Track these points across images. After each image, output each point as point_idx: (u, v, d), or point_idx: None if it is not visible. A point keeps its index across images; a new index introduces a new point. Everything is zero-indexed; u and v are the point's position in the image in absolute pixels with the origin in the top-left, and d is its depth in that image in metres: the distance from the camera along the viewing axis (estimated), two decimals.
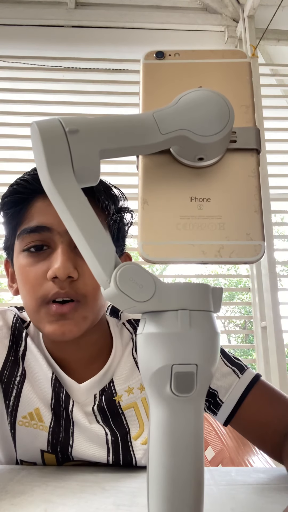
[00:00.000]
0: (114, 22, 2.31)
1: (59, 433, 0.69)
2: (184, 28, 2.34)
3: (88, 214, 0.34)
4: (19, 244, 0.69)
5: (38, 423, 0.69)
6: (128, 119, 0.36)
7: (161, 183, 0.37)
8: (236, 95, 0.38)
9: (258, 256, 0.35)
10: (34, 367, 0.72)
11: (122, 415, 0.72)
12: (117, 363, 0.75)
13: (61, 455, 0.69)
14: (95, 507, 0.51)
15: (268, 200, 2.11)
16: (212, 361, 0.34)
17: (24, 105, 2.28)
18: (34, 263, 0.66)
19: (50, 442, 0.69)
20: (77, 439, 0.69)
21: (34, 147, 0.35)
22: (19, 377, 0.72)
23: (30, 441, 0.69)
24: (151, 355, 0.34)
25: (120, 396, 0.72)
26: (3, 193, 0.71)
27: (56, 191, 0.34)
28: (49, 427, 0.69)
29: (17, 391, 0.71)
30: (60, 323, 0.64)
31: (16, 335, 0.75)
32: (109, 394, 0.72)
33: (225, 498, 0.55)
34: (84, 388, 0.71)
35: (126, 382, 0.73)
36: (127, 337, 0.78)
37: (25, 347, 0.74)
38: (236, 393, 0.72)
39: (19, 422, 0.70)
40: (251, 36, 2.25)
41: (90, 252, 0.34)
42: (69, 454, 0.69)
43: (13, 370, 0.72)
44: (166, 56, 0.41)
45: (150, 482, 0.35)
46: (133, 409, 0.73)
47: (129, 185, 2.09)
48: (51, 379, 0.71)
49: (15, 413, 0.70)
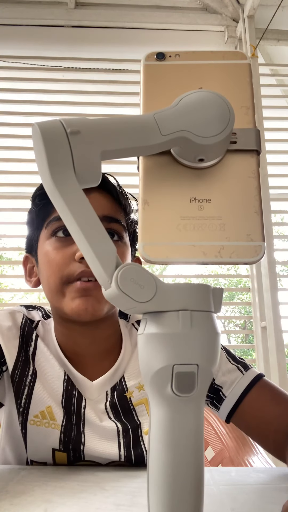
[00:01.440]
0: (114, 22, 2.31)
1: (71, 430, 0.70)
2: (184, 28, 2.34)
3: (89, 215, 0.34)
4: (47, 232, 0.73)
5: (50, 422, 0.70)
6: (129, 120, 0.36)
7: (162, 184, 0.37)
8: (236, 97, 0.39)
9: (258, 257, 0.35)
10: (45, 367, 0.73)
11: (134, 411, 0.73)
12: (128, 361, 0.77)
13: (72, 453, 0.70)
14: (95, 507, 0.51)
15: (268, 200, 2.11)
16: (212, 361, 0.34)
17: (24, 105, 2.28)
18: (61, 247, 0.70)
19: (62, 440, 0.69)
20: (89, 436, 0.70)
21: (36, 148, 0.35)
22: (30, 377, 0.72)
23: (42, 441, 0.70)
24: (152, 355, 0.34)
25: (132, 392, 0.74)
26: (37, 187, 0.76)
27: (57, 192, 0.34)
28: (61, 425, 0.70)
29: (28, 390, 0.71)
30: (83, 299, 0.68)
31: (26, 335, 0.76)
32: (120, 391, 0.74)
33: (225, 498, 0.55)
34: (96, 386, 0.73)
35: (137, 379, 0.75)
36: (135, 337, 0.80)
37: (35, 347, 0.75)
38: (239, 388, 0.72)
39: (30, 422, 0.70)
40: (251, 36, 2.25)
41: (92, 253, 0.34)
42: (81, 451, 0.70)
43: (24, 370, 0.73)
44: (167, 57, 0.41)
45: (150, 482, 0.35)
46: (144, 405, 0.74)
47: (130, 185, 2.09)
48: (63, 378, 0.72)
49: (27, 412, 0.71)
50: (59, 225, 0.71)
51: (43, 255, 0.73)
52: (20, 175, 2.17)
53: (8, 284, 6.84)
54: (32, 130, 0.35)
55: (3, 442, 0.76)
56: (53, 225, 0.72)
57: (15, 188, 2.18)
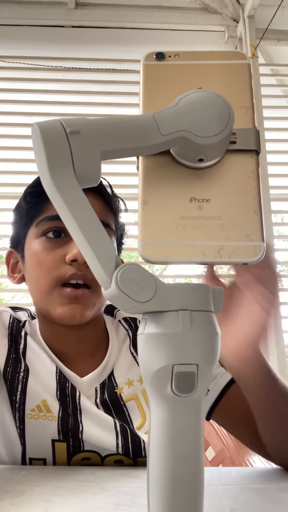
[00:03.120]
0: (114, 22, 2.31)
1: (68, 420, 0.70)
2: (184, 28, 2.34)
3: (89, 214, 0.34)
4: (36, 231, 0.73)
5: (47, 414, 0.71)
6: (129, 120, 0.36)
7: (161, 184, 0.37)
8: (236, 97, 0.39)
9: (258, 257, 0.35)
10: (36, 363, 0.74)
11: (124, 407, 0.74)
12: (116, 357, 0.78)
13: (72, 441, 0.70)
14: (95, 507, 0.51)
15: (268, 200, 2.11)
16: (212, 361, 0.34)
17: (24, 105, 2.28)
18: (51, 248, 0.70)
19: (60, 431, 0.70)
20: (86, 424, 0.71)
21: (35, 148, 0.35)
22: (23, 373, 0.73)
23: (41, 433, 0.70)
24: (152, 355, 0.34)
25: (121, 388, 0.75)
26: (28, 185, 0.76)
27: (57, 192, 0.34)
28: (57, 416, 0.70)
29: (22, 385, 0.72)
30: (71, 306, 0.69)
31: (15, 334, 0.76)
32: (110, 387, 0.74)
33: (225, 498, 0.55)
34: (86, 382, 0.74)
35: (126, 375, 0.76)
36: (123, 333, 0.82)
37: (25, 345, 0.76)
38: (222, 381, 0.72)
39: (28, 416, 0.70)
40: (251, 36, 2.25)
41: (91, 253, 0.34)
42: (80, 438, 0.70)
43: (16, 367, 0.73)
44: (166, 57, 0.41)
45: (150, 482, 0.35)
46: (134, 401, 0.75)
47: (129, 185, 2.10)
48: (55, 372, 0.73)
49: (23, 407, 0.71)
50: (50, 226, 0.71)
51: (31, 255, 0.73)
52: (20, 175, 2.17)
53: (8, 284, 6.84)
54: (32, 130, 0.35)
55: None
56: (43, 225, 0.72)
57: (15, 188, 2.18)
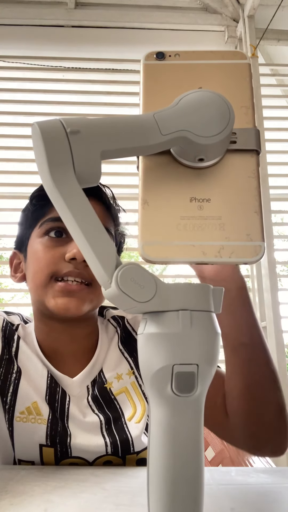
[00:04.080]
0: (114, 22, 2.31)
1: (57, 424, 0.71)
2: (184, 28, 2.33)
3: (89, 214, 0.34)
4: (40, 231, 0.74)
5: (36, 417, 0.71)
6: (129, 120, 0.36)
7: (162, 184, 0.37)
8: (236, 96, 0.39)
9: (258, 257, 0.35)
10: (28, 366, 0.75)
11: (115, 401, 0.75)
12: (105, 354, 0.79)
13: (60, 447, 0.70)
14: (95, 507, 0.51)
15: (268, 200, 2.11)
16: (212, 361, 0.34)
17: (24, 105, 2.28)
18: (52, 246, 0.72)
19: (48, 435, 0.70)
20: (74, 430, 0.71)
21: (35, 147, 0.35)
22: (15, 374, 0.74)
23: (29, 437, 0.70)
24: (152, 355, 0.34)
25: (111, 383, 0.76)
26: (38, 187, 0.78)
27: (57, 191, 0.34)
28: (47, 419, 0.71)
29: (14, 387, 0.72)
30: (66, 299, 0.70)
31: (8, 336, 0.78)
32: (100, 383, 0.76)
33: (225, 498, 0.55)
34: (76, 382, 0.75)
35: (115, 370, 0.78)
36: (111, 331, 0.84)
37: (17, 347, 0.77)
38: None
39: (16, 419, 0.71)
40: (251, 36, 2.25)
41: (92, 253, 0.34)
42: (68, 445, 0.70)
43: (9, 368, 0.74)
44: (166, 57, 0.41)
45: (150, 482, 0.35)
46: (124, 394, 0.76)
47: (129, 185, 2.10)
48: (46, 377, 0.74)
49: (13, 409, 0.71)
50: (52, 226, 0.73)
51: (33, 252, 0.75)
52: (20, 175, 2.17)
53: (8, 284, 6.83)
54: (32, 130, 0.35)
55: None
56: (47, 225, 0.74)
57: (15, 188, 2.18)
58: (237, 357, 0.61)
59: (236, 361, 0.61)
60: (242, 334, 0.60)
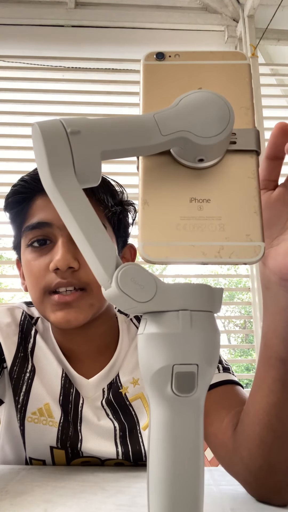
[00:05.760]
0: (114, 22, 2.31)
1: (68, 428, 0.70)
2: (184, 28, 2.34)
3: (89, 214, 0.34)
4: (24, 241, 0.73)
5: (48, 419, 0.70)
6: (129, 120, 0.36)
7: (161, 184, 0.37)
8: (236, 97, 0.39)
9: (257, 257, 0.35)
10: (43, 364, 0.74)
11: (130, 407, 0.73)
12: (124, 356, 0.77)
13: (70, 450, 0.70)
14: (95, 507, 0.51)
15: None
16: (212, 361, 0.34)
17: (24, 105, 2.28)
18: (37, 257, 0.70)
19: (59, 438, 0.70)
20: (86, 435, 0.70)
21: (35, 148, 0.35)
22: (29, 373, 0.73)
23: (39, 438, 0.70)
24: (152, 355, 0.34)
25: (126, 388, 0.74)
26: (6, 194, 0.76)
27: (57, 192, 0.34)
28: (59, 422, 0.70)
29: (27, 387, 0.72)
30: (65, 311, 0.67)
31: (25, 331, 0.76)
32: (115, 387, 0.74)
33: (225, 498, 0.56)
34: (92, 384, 0.73)
35: (131, 374, 0.75)
36: (134, 332, 0.80)
37: (33, 344, 0.75)
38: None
39: (28, 419, 0.70)
40: (251, 36, 2.25)
41: (92, 253, 0.34)
42: (79, 449, 0.70)
43: (23, 366, 0.73)
44: (166, 57, 0.41)
45: (150, 482, 0.35)
46: (140, 400, 0.74)
47: (129, 185, 2.10)
48: (61, 376, 0.73)
49: (25, 409, 0.71)
50: (33, 236, 0.71)
51: (24, 263, 0.74)
52: (20, 175, 2.16)
53: (8, 284, 6.83)
54: (32, 130, 0.35)
55: (2, 440, 0.76)
56: (28, 235, 0.71)
57: None
58: (272, 371, 0.50)
59: (267, 376, 0.50)
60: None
